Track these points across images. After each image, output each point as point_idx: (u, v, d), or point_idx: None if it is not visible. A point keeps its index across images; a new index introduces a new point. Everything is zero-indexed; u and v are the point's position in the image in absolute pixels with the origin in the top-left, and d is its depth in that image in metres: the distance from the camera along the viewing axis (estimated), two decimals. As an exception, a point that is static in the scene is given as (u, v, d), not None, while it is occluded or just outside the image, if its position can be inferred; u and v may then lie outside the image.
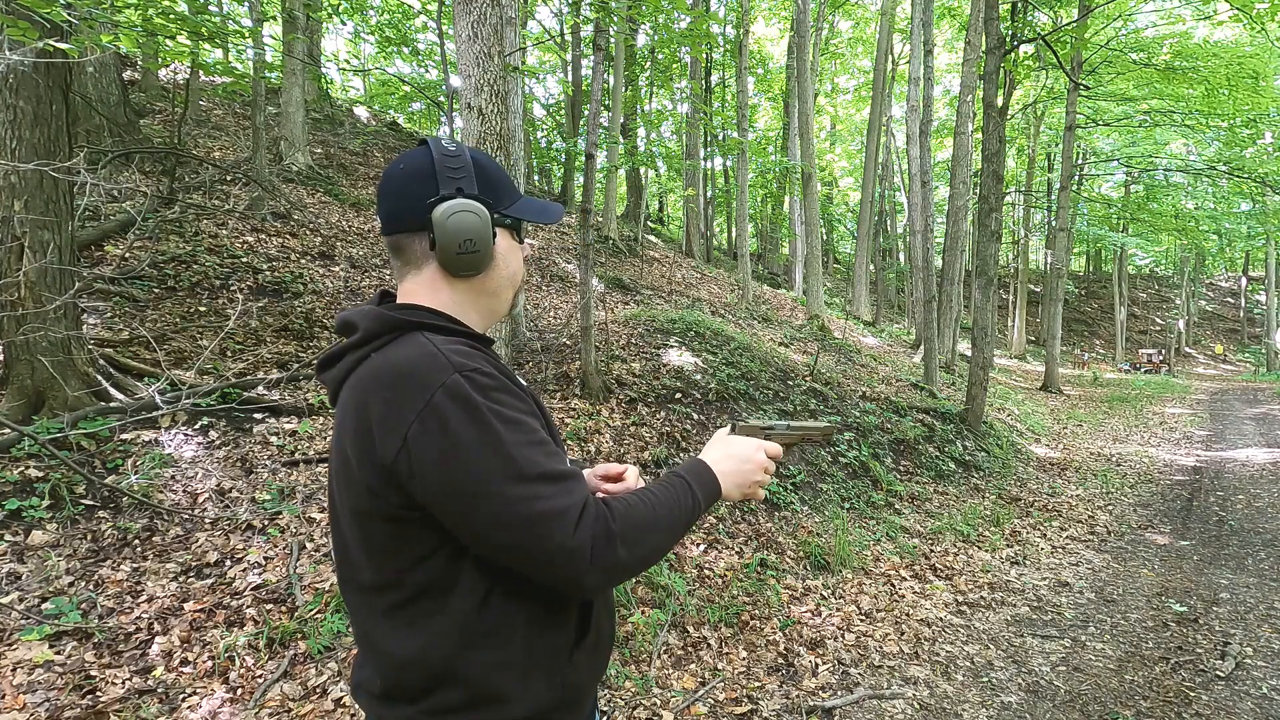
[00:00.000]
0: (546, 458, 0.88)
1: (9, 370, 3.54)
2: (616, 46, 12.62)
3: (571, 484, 0.88)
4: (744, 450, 1.11)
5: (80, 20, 3.35)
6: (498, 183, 1.04)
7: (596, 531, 0.86)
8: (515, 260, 1.08)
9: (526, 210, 1.07)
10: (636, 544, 0.89)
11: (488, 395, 0.87)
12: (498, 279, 1.05)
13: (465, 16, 3.87)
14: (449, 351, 0.89)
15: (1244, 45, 14.45)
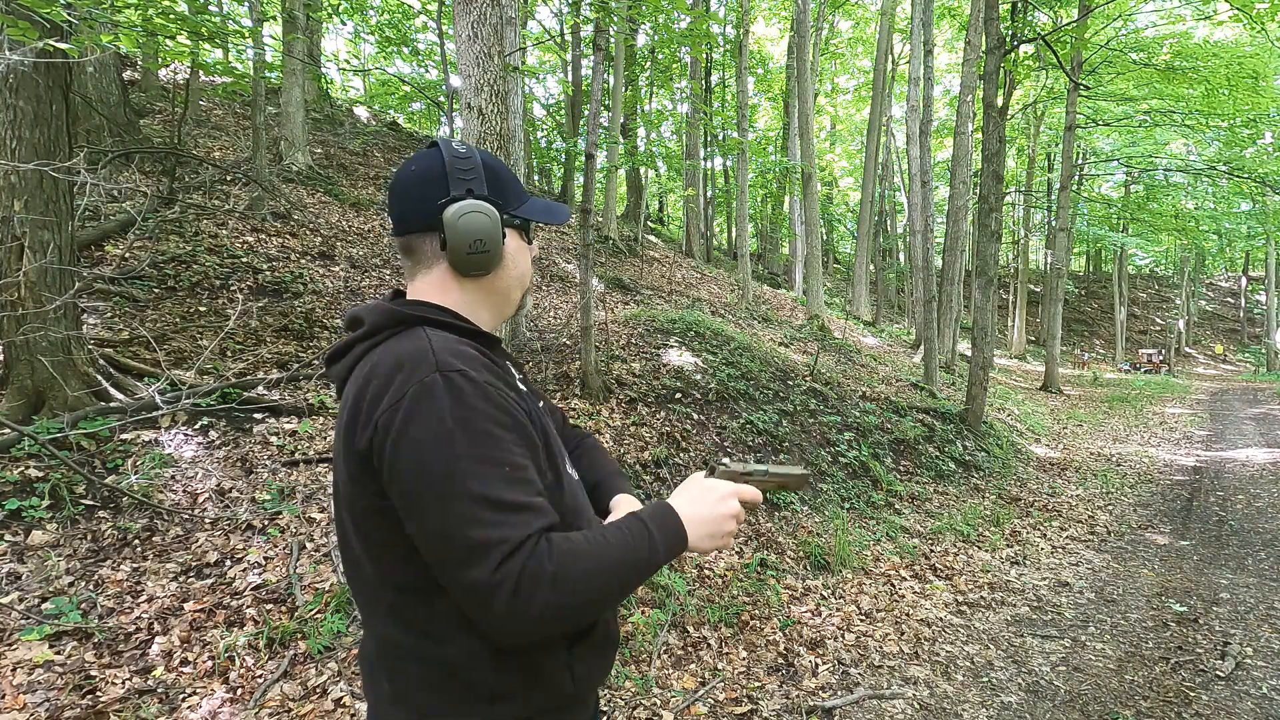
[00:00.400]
0: (503, 481, 0.83)
1: (9, 370, 3.54)
2: (616, 46, 12.62)
3: (520, 516, 0.82)
4: (717, 496, 0.99)
5: (80, 20, 3.35)
6: (507, 184, 1.05)
7: (525, 570, 0.79)
8: (524, 260, 1.09)
9: (535, 211, 1.08)
10: (568, 590, 0.81)
11: (461, 401, 0.84)
12: (507, 279, 1.06)
13: (465, 16, 3.87)
14: (441, 349, 0.89)
15: (1244, 45, 14.45)
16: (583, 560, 0.83)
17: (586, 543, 0.85)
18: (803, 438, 5.99)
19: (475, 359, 0.92)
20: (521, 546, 0.80)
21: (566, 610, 0.82)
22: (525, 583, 0.79)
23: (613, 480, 1.21)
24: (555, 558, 0.81)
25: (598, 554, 0.85)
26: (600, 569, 0.84)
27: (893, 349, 14.99)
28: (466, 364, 0.88)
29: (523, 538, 0.81)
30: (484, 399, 0.86)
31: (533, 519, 0.83)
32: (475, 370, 0.88)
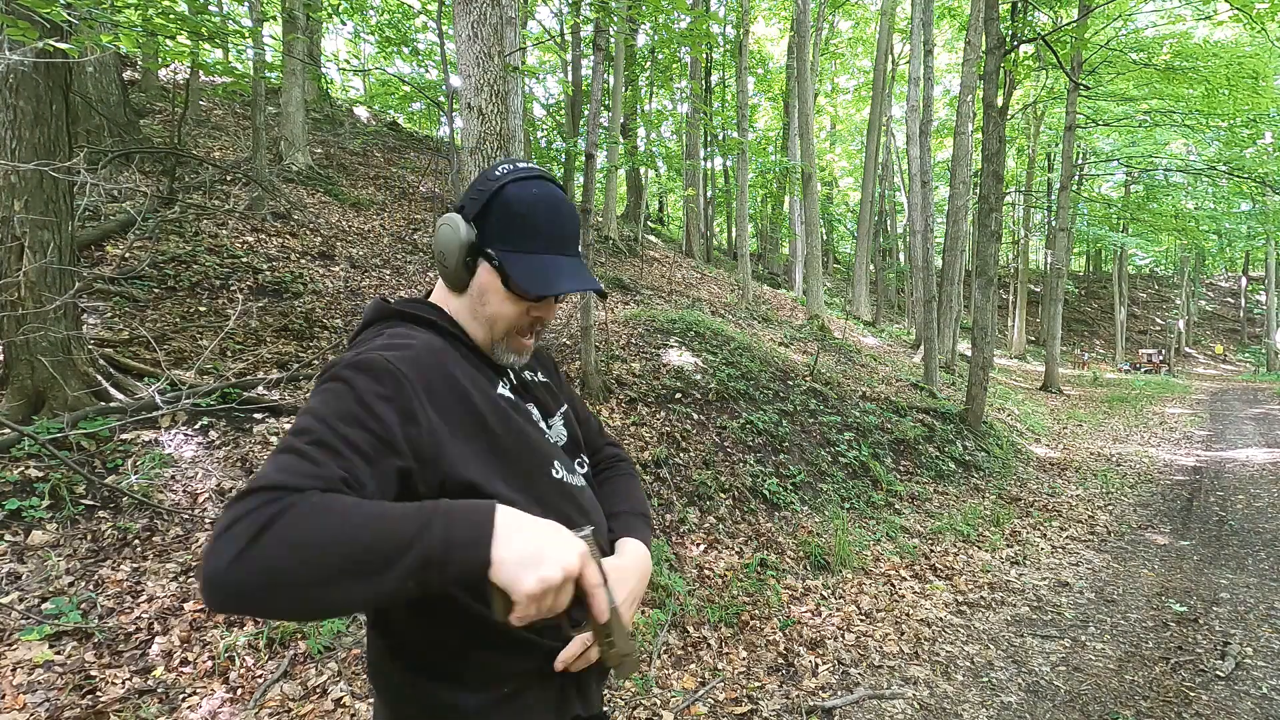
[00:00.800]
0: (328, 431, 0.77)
1: (9, 370, 3.54)
2: (616, 46, 12.63)
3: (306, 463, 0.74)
4: (566, 537, 0.80)
5: (80, 20, 3.35)
6: (510, 222, 0.96)
7: (253, 508, 0.68)
8: (497, 304, 0.98)
9: (522, 269, 0.95)
10: (269, 553, 0.67)
11: (360, 373, 0.83)
12: (473, 304, 1.00)
13: (465, 16, 3.87)
14: (390, 342, 0.91)
15: (1244, 45, 14.46)
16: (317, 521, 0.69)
17: (340, 504, 0.72)
18: (803, 438, 5.99)
19: (421, 350, 0.91)
20: (273, 491, 0.70)
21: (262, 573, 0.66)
22: (243, 522, 0.67)
23: (622, 519, 1.11)
24: (287, 508, 0.69)
25: (336, 520, 0.69)
26: (327, 537, 0.68)
27: (893, 349, 14.99)
28: (395, 352, 0.87)
29: (282, 481, 0.71)
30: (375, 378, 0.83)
31: (319, 468, 0.74)
32: (393, 358, 0.86)
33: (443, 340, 0.98)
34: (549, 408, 1.12)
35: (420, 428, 0.84)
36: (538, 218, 0.97)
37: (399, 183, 11.13)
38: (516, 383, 1.07)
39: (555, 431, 1.10)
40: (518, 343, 1.03)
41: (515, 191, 0.97)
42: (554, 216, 0.99)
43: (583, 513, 1.02)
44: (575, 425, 1.17)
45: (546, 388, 1.15)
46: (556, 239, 0.98)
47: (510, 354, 1.03)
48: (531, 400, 1.08)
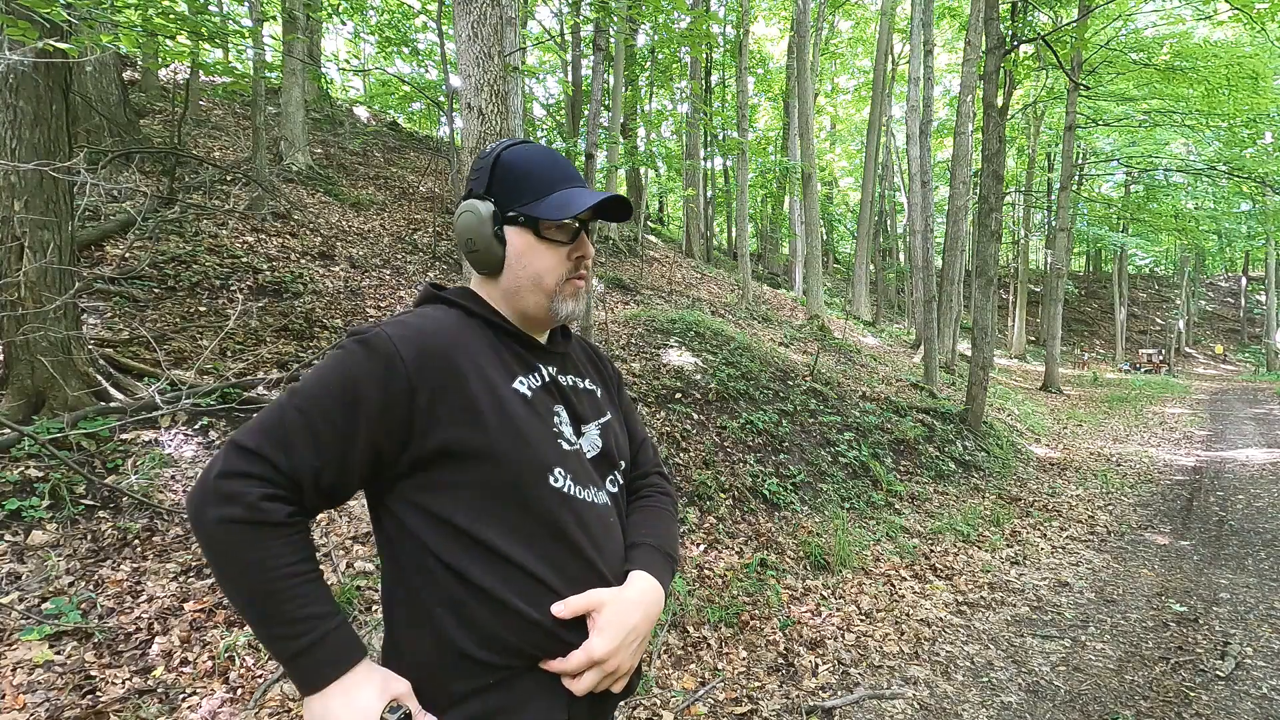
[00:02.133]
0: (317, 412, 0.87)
1: (9, 370, 3.54)
2: (616, 46, 12.62)
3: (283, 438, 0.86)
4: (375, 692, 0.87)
5: (80, 20, 3.35)
6: (517, 181, 1.01)
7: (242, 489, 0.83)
8: (538, 261, 1.01)
9: (546, 208, 0.99)
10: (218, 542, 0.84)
11: (364, 349, 0.90)
12: (513, 279, 1.02)
13: (465, 16, 3.87)
14: (402, 319, 0.95)
15: (1244, 45, 14.46)
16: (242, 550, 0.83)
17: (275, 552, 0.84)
18: (803, 438, 5.99)
19: (442, 332, 0.94)
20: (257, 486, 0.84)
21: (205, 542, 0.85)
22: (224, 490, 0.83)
23: (642, 551, 1.08)
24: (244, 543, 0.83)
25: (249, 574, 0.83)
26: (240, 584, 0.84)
27: (893, 349, 14.99)
28: (412, 330, 0.92)
29: (265, 475, 0.84)
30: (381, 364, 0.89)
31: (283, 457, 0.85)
32: (408, 337, 0.91)
33: (468, 322, 1.00)
34: (583, 415, 1.08)
35: (402, 406, 0.89)
36: (540, 167, 1.02)
37: (399, 183, 11.13)
38: (549, 381, 1.04)
39: (587, 440, 1.06)
40: (572, 286, 1.04)
41: (510, 156, 1.02)
42: (552, 161, 1.04)
43: (583, 527, 0.98)
44: (617, 440, 1.13)
45: (591, 396, 1.13)
46: (562, 177, 1.02)
47: (569, 302, 1.03)
48: (563, 403, 1.05)
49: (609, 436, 1.11)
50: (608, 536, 1.02)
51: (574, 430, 1.04)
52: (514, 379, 0.98)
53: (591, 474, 1.03)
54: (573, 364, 1.14)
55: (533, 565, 0.92)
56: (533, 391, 1.00)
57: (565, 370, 1.11)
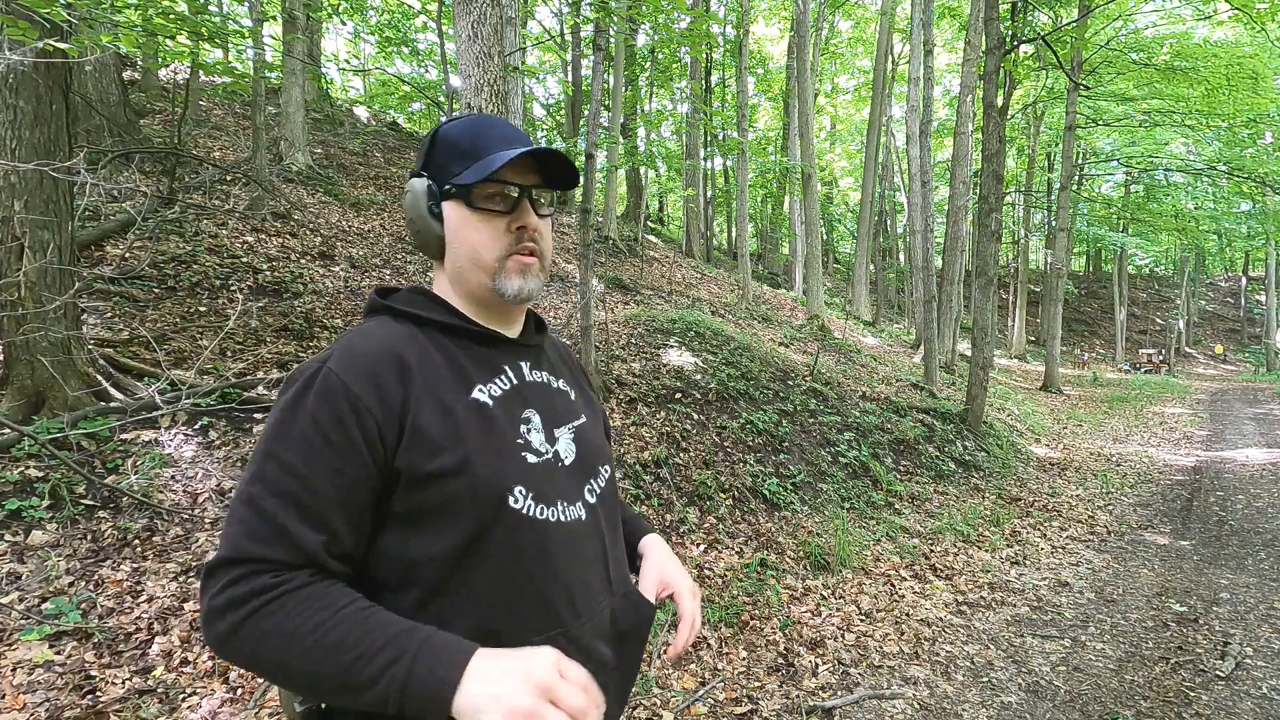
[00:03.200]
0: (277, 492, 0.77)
1: (9, 370, 3.54)
2: (616, 46, 12.62)
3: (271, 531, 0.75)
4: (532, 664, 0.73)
5: (80, 20, 3.35)
6: (451, 153, 0.94)
7: (235, 590, 0.73)
8: (473, 235, 0.92)
9: (471, 173, 0.91)
10: (249, 644, 0.73)
11: (316, 399, 0.80)
12: (454, 260, 0.94)
13: (465, 16, 3.87)
14: (363, 341, 0.86)
15: (1244, 45, 14.47)
16: (288, 629, 0.72)
17: (316, 613, 0.73)
18: (803, 438, 5.99)
19: (387, 352, 0.85)
20: (254, 578, 0.74)
21: (242, 661, 0.74)
22: (225, 603, 0.73)
23: (636, 521, 1.14)
24: (266, 606, 0.73)
25: (306, 633, 0.72)
26: (295, 650, 0.72)
27: (893, 349, 14.99)
28: (362, 366, 0.83)
29: (252, 556, 0.75)
30: (333, 405, 0.80)
31: (280, 548, 0.75)
32: (358, 374, 0.82)
33: (416, 333, 0.91)
34: (557, 418, 0.98)
35: (373, 442, 0.81)
36: (475, 135, 0.95)
37: (399, 183, 11.13)
38: (517, 383, 0.95)
39: (562, 446, 0.96)
40: (516, 263, 0.93)
41: (448, 128, 0.97)
42: (489, 126, 0.96)
43: (545, 556, 0.87)
44: (596, 445, 1.03)
45: (564, 397, 1.03)
46: (498, 139, 0.94)
47: (514, 279, 0.93)
48: (534, 406, 0.95)
49: (586, 441, 1.01)
50: (574, 559, 0.91)
51: (546, 437, 0.94)
52: (472, 388, 0.90)
53: (566, 485, 0.94)
54: (548, 361, 1.06)
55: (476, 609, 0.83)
56: (494, 400, 0.91)
57: (540, 366, 1.02)
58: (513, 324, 1.01)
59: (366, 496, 0.80)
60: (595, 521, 0.97)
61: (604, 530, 0.98)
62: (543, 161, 0.96)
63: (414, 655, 0.71)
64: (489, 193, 0.92)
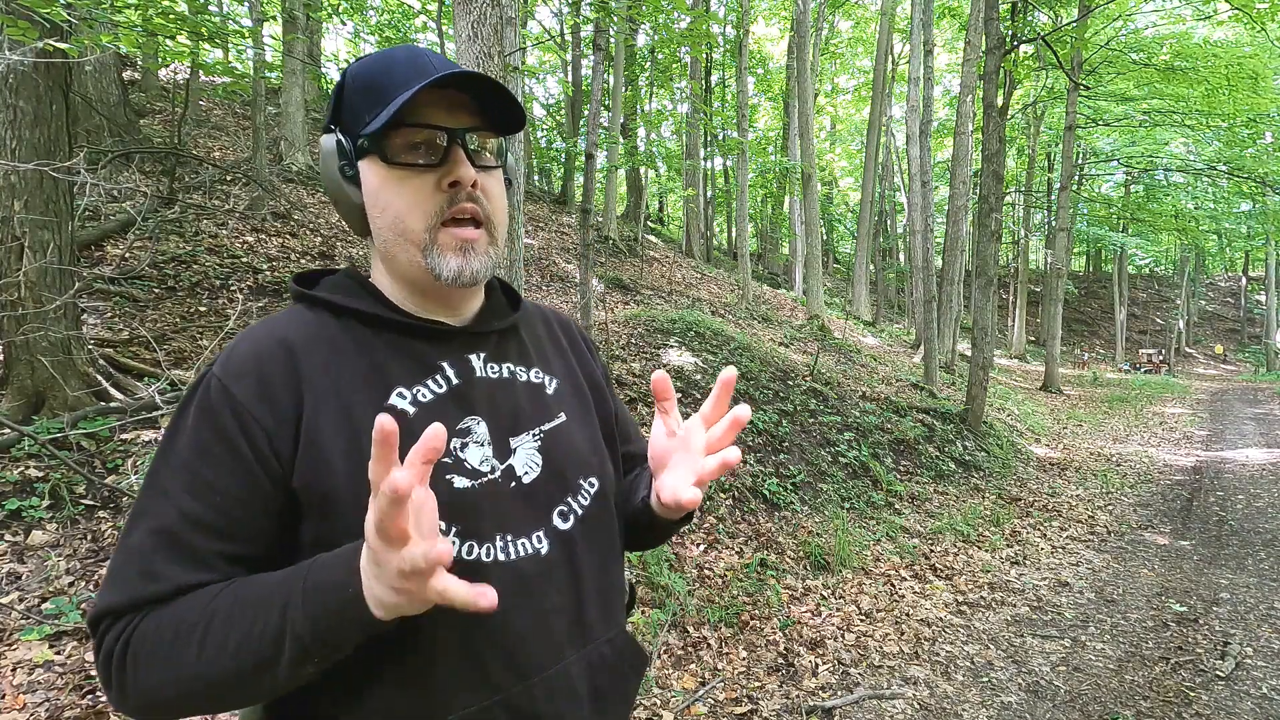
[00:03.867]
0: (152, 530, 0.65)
1: (9, 370, 3.54)
2: (616, 46, 12.63)
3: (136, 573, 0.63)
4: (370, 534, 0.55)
5: (80, 20, 3.35)
6: (363, 94, 0.74)
7: (105, 654, 0.63)
8: (392, 199, 0.72)
9: (382, 118, 0.69)
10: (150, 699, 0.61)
11: (197, 411, 0.68)
12: (379, 231, 0.75)
13: (465, 16, 3.87)
14: (251, 342, 0.71)
15: (1244, 45, 14.48)
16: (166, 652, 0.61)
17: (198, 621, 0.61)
18: (803, 438, 5.99)
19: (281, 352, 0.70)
20: (123, 616, 0.63)
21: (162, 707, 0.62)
22: (104, 673, 0.63)
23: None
24: (143, 635, 0.62)
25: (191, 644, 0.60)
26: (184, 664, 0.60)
27: (893, 349, 14.99)
28: (248, 359, 0.69)
29: (127, 603, 0.63)
30: (209, 416, 0.67)
31: (143, 591, 0.63)
32: (242, 383, 0.68)
33: (330, 324, 0.74)
34: (512, 424, 0.77)
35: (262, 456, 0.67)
36: (388, 70, 0.74)
37: (399, 183, 11.11)
38: (457, 384, 0.75)
39: (520, 460, 0.76)
40: (450, 237, 0.73)
41: (356, 68, 0.76)
42: (405, 58, 0.75)
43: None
44: (576, 448, 0.81)
45: (535, 392, 0.82)
46: (415, 74, 0.72)
47: (450, 258, 0.73)
48: (480, 411, 0.75)
49: (560, 449, 0.79)
50: (521, 607, 0.71)
51: (495, 450, 0.75)
52: (390, 393, 0.71)
53: (519, 512, 0.74)
54: (518, 347, 0.84)
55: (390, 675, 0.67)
56: (420, 406, 0.72)
57: (501, 357, 0.81)
58: (461, 309, 0.80)
59: (264, 522, 0.67)
60: (565, 554, 0.75)
61: (579, 563, 0.77)
62: (478, 97, 0.74)
63: (301, 587, 0.59)
64: (409, 141, 0.72)
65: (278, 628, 0.58)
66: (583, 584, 0.77)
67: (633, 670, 0.83)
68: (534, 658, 0.71)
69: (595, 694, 0.76)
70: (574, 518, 0.78)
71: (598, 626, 0.78)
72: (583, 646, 0.76)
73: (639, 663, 0.84)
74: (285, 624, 0.58)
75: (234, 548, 0.66)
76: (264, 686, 0.61)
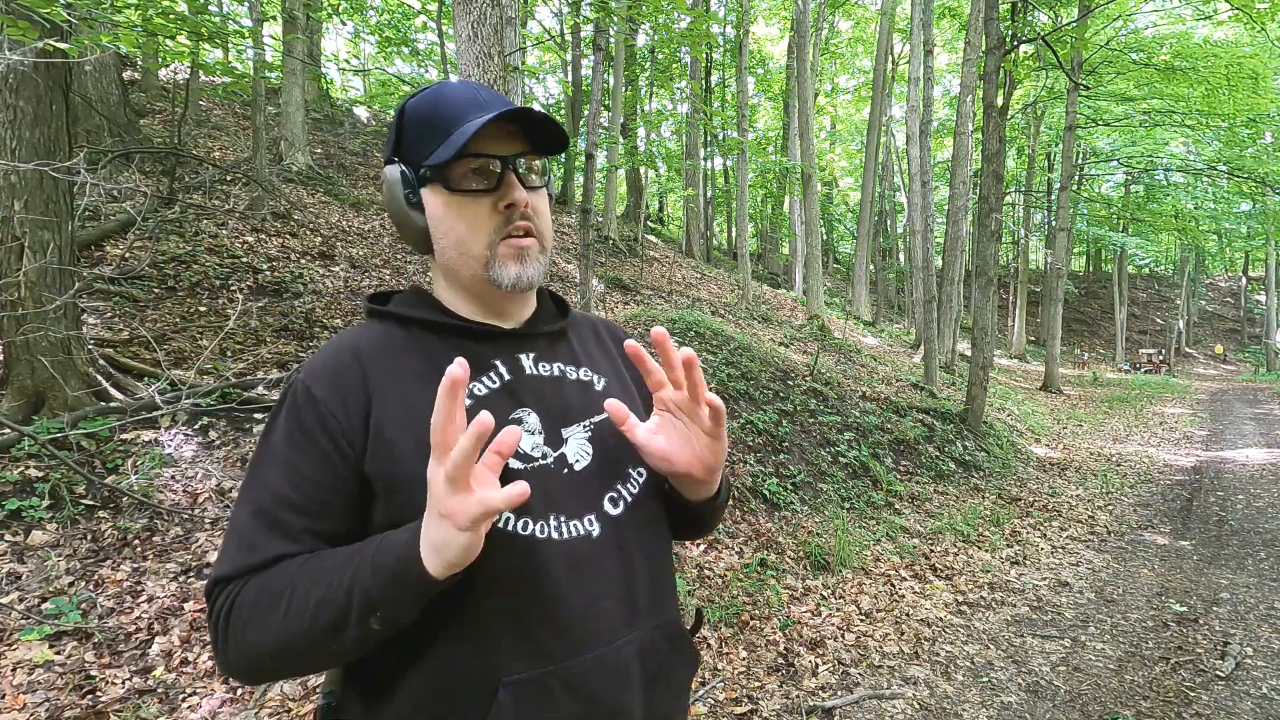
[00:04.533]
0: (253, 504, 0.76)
1: (9, 370, 3.54)
2: (616, 46, 12.63)
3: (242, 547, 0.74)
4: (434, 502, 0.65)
5: (80, 20, 3.35)
6: (421, 130, 0.83)
7: (216, 617, 0.73)
8: (456, 223, 0.82)
9: (444, 151, 0.79)
10: (247, 647, 0.71)
11: (287, 411, 0.79)
12: (443, 250, 0.85)
13: (465, 16, 3.87)
14: (329, 351, 0.82)
15: (1243, 45, 14.48)
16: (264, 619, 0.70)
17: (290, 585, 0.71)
18: (803, 438, 5.99)
19: (355, 359, 0.81)
20: (231, 583, 0.74)
21: (246, 673, 0.74)
22: (221, 621, 0.73)
23: None
24: (244, 603, 0.72)
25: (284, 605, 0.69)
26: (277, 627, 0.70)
27: (893, 349, 14.99)
28: (326, 363, 0.81)
29: (234, 571, 0.74)
30: (295, 414, 0.78)
31: (249, 553, 0.74)
32: (316, 383, 0.79)
33: (398, 333, 0.85)
34: (564, 415, 0.85)
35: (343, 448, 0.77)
36: (444, 105, 0.83)
37: (399, 183, 11.11)
38: (508, 380, 0.84)
39: (572, 448, 0.83)
40: (509, 247, 0.83)
41: (414, 102, 0.86)
42: (459, 94, 0.84)
43: (530, 580, 0.75)
44: (622, 440, 0.85)
45: (584, 389, 0.90)
46: (467, 105, 0.83)
47: (510, 266, 0.83)
48: (531, 405, 0.83)
49: (610, 440, 0.86)
50: (576, 584, 0.77)
51: (547, 438, 0.82)
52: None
53: (572, 495, 0.80)
54: (567, 348, 0.93)
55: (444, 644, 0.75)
56: (476, 399, 0.80)
57: (552, 357, 0.90)
58: (513, 314, 0.90)
59: (344, 507, 0.76)
60: (616, 537, 0.81)
61: (629, 548, 0.82)
62: (525, 125, 0.84)
63: (371, 552, 0.69)
64: (467, 170, 0.81)
65: (348, 586, 0.67)
66: (633, 568, 0.82)
67: (685, 660, 0.88)
68: (586, 634, 0.77)
69: (647, 679, 0.81)
70: (624, 504, 0.84)
71: (648, 612, 0.83)
72: (634, 630, 0.81)
73: (692, 655, 0.90)
74: (355, 582, 0.67)
75: (319, 525, 0.75)
76: (343, 645, 0.69)
